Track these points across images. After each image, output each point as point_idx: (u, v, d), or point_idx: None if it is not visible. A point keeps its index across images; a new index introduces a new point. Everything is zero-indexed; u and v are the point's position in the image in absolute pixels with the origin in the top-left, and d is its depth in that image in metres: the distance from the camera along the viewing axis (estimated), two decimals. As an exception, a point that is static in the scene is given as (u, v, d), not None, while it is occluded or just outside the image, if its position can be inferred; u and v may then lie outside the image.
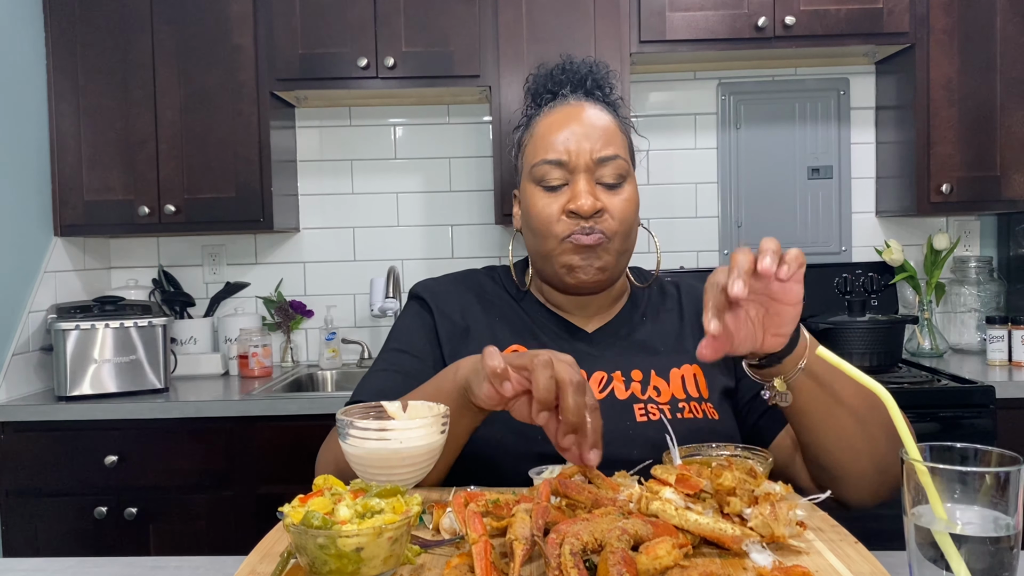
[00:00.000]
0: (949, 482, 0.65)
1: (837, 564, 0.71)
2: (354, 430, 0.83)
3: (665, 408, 1.08)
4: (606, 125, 1.11)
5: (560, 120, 1.12)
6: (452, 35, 2.47)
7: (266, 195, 2.51)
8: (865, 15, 2.42)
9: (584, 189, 1.08)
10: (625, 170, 1.11)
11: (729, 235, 2.84)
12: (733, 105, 2.83)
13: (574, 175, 1.10)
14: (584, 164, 1.09)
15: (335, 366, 2.75)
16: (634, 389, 1.10)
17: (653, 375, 1.11)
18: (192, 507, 2.23)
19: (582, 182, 1.09)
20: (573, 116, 1.11)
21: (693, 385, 1.11)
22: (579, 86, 1.16)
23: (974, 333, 2.74)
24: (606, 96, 1.17)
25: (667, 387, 1.10)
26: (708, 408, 1.10)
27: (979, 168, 2.47)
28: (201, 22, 2.47)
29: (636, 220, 1.13)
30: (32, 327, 2.38)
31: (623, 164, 1.10)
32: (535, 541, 0.67)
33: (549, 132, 1.12)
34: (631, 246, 1.14)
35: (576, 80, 1.17)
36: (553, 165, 1.10)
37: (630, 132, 1.18)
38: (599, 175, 1.10)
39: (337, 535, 0.65)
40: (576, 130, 1.10)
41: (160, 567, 0.90)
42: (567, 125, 1.11)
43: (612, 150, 1.10)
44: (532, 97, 1.20)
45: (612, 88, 1.19)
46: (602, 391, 1.09)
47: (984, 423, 2.10)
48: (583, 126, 1.10)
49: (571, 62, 1.18)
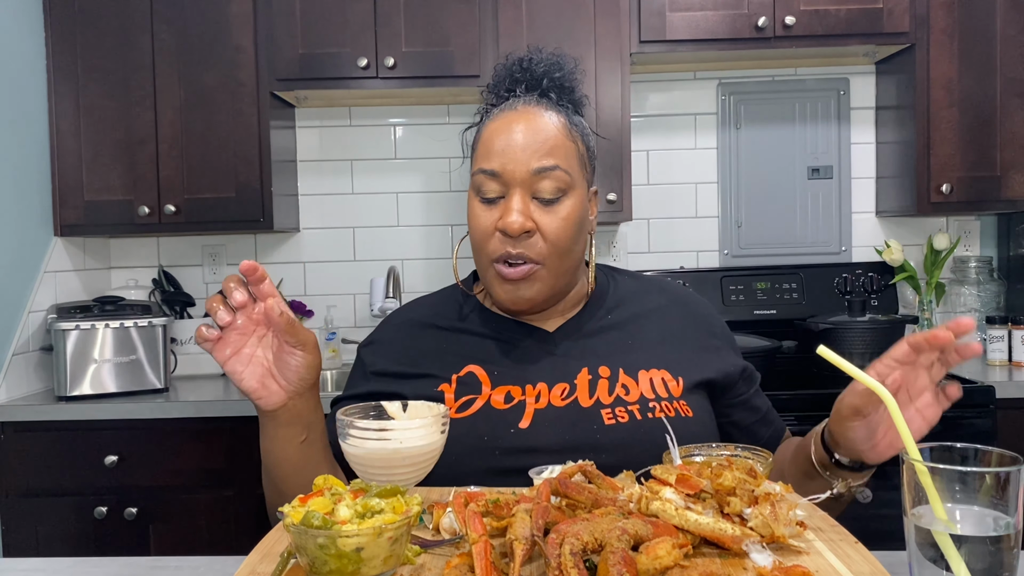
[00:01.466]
0: (949, 482, 0.65)
1: (837, 564, 0.71)
2: (354, 430, 0.83)
3: (635, 408, 1.05)
4: (552, 133, 1.05)
5: (503, 126, 1.06)
6: (452, 35, 2.47)
7: (266, 195, 2.51)
8: (865, 15, 2.42)
9: (515, 207, 1.03)
10: (566, 183, 1.05)
11: (729, 235, 2.84)
12: (733, 105, 2.83)
13: (509, 188, 1.04)
14: (520, 177, 1.04)
15: (335, 366, 2.75)
16: (600, 391, 1.06)
17: (621, 373, 1.08)
18: (192, 507, 2.23)
19: (516, 198, 1.04)
20: (517, 121, 1.05)
21: (662, 386, 1.08)
22: (534, 87, 1.11)
23: (974, 333, 2.74)
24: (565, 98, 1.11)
25: (636, 386, 1.07)
26: (681, 406, 1.06)
27: (979, 168, 2.47)
28: (201, 22, 2.47)
29: (575, 237, 1.07)
30: (32, 327, 2.38)
31: (563, 176, 1.04)
32: (535, 541, 0.67)
33: (491, 138, 1.06)
34: (574, 262, 1.10)
35: (532, 80, 1.11)
36: (488, 176, 1.05)
37: (586, 138, 1.11)
38: (536, 189, 1.04)
39: (337, 535, 0.65)
40: (516, 139, 1.04)
41: (160, 567, 0.90)
42: (509, 132, 1.05)
43: (552, 160, 1.04)
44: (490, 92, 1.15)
45: (573, 88, 1.13)
46: (565, 399, 1.06)
47: (984, 423, 2.10)
48: (525, 134, 1.04)
49: (531, 59, 1.11)
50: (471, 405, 1.06)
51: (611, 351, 1.11)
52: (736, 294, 2.70)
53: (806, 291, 2.71)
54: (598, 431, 1.03)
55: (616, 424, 1.03)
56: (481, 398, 1.06)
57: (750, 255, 2.83)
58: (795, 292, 2.70)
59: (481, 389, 1.07)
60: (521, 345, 1.12)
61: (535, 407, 1.05)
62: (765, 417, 1.19)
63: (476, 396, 1.06)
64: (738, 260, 2.83)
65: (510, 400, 1.06)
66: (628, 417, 1.04)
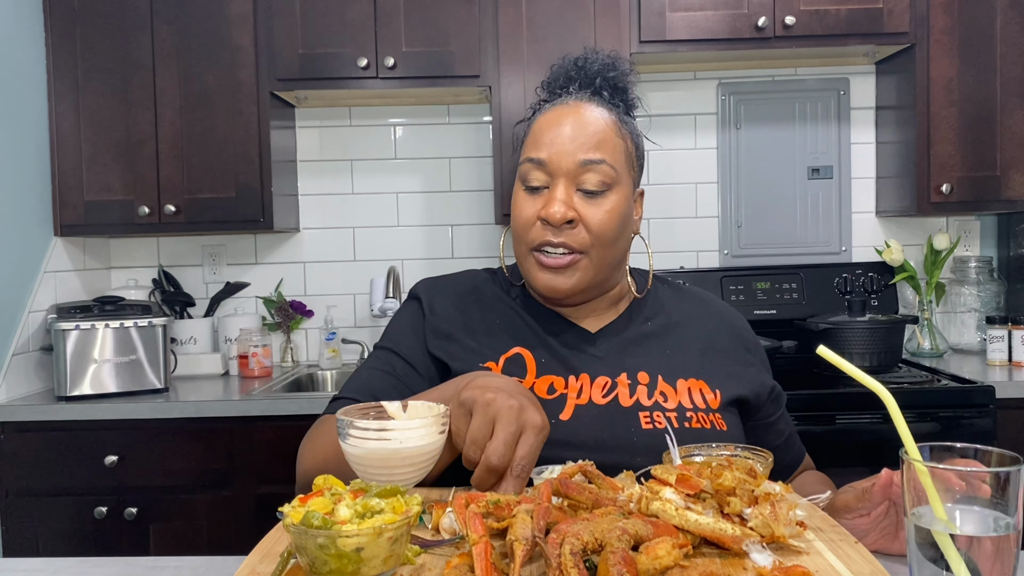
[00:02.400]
0: (949, 482, 0.65)
1: (837, 564, 0.71)
2: (354, 430, 0.83)
3: (672, 416, 1.05)
4: (601, 128, 1.06)
5: (554, 118, 1.08)
6: (452, 35, 2.47)
7: (266, 195, 2.51)
8: (865, 15, 2.42)
9: (559, 196, 1.04)
10: (612, 178, 1.06)
11: (729, 235, 2.84)
12: (733, 105, 2.83)
13: (554, 178, 1.05)
14: (566, 168, 1.05)
15: (335, 366, 2.75)
16: (640, 394, 1.07)
17: (660, 380, 1.09)
18: (192, 507, 2.23)
19: (560, 188, 1.05)
20: (568, 115, 1.07)
21: (700, 397, 1.08)
22: (587, 84, 1.12)
23: (974, 333, 2.74)
24: (618, 97, 1.13)
25: (674, 394, 1.08)
26: (716, 419, 1.07)
27: (979, 168, 2.47)
28: (201, 22, 2.47)
29: (620, 231, 1.08)
30: (32, 327, 2.38)
31: (609, 171, 1.05)
32: (536, 542, 0.67)
33: (541, 129, 1.08)
34: (617, 257, 1.10)
35: (586, 78, 1.12)
36: (535, 165, 1.07)
37: (636, 138, 1.12)
38: (581, 181, 1.05)
39: (337, 535, 0.65)
40: (565, 131, 1.06)
41: (160, 567, 0.90)
42: (559, 124, 1.07)
43: (599, 154, 1.05)
44: (544, 89, 1.16)
45: (627, 89, 1.14)
46: (605, 396, 1.07)
47: (984, 423, 2.10)
48: (574, 127, 1.06)
49: (586, 58, 1.13)
50: None
51: (650, 357, 1.11)
52: (736, 294, 2.70)
53: (806, 291, 2.71)
54: (635, 433, 1.04)
55: (653, 429, 1.04)
56: (525, 384, 1.06)
57: (750, 255, 2.84)
58: (795, 292, 2.70)
59: (526, 375, 1.07)
60: (564, 339, 1.12)
61: (576, 402, 1.06)
62: (788, 440, 1.20)
63: (521, 381, 1.06)
64: (738, 260, 2.83)
65: (552, 391, 1.06)
66: (665, 423, 1.04)
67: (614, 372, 1.09)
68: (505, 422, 0.84)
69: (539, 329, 1.13)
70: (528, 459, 0.84)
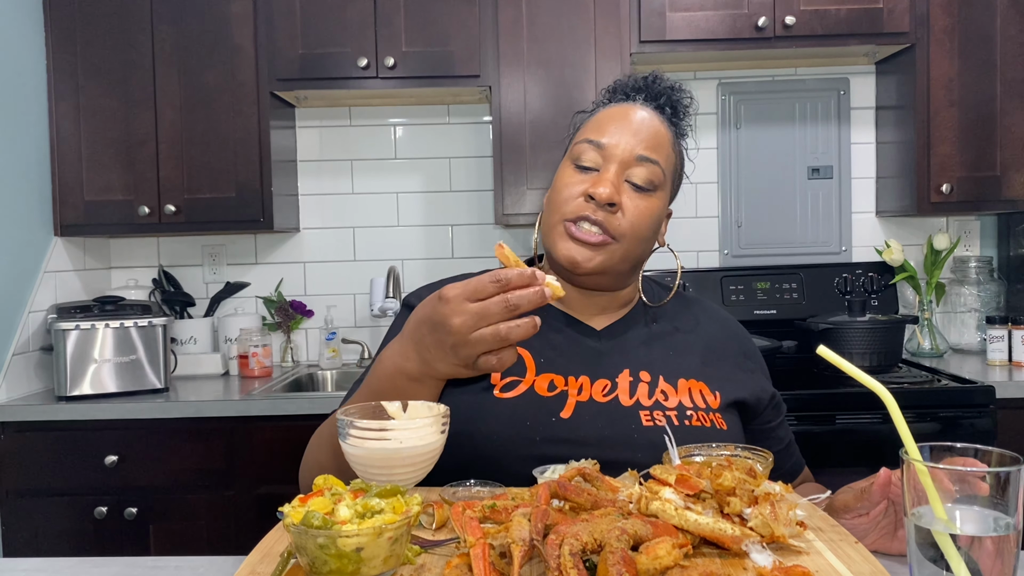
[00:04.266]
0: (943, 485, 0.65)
1: (837, 564, 0.71)
2: (354, 430, 0.83)
3: (672, 414, 1.06)
4: (662, 134, 1.11)
5: (621, 112, 1.12)
6: (452, 35, 2.47)
7: (266, 195, 2.51)
8: (865, 15, 2.42)
9: (609, 178, 1.06)
10: (660, 181, 1.09)
11: (729, 235, 2.84)
12: (733, 105, 2.83)
13: (607, 163, 1.08)
14: (621, 155, 1.08)
15: (335, 366, 2.75)
16: (640, 393, 1.08)
17: (661, 379, 1.10)
18: (192, 507, 2.23)
19: (612, 171, 1.07)
20: (634, 112, 1.11)
21: (700, 397, 1.10)
22: (654, 98, 1.16)
23: (974, 333, 2.74)
24: (677, 119, 1.17)
25: (675, 393, 1.09)
26: (716, 418, 1.08)
27: (979, 168, 2.47)
28: (201, 22, 2.47)
29: (652, 233, 1.11)
30: (32, 327, 2.38)
31: (659, 173, 1.09)
32: (534, 543, 0.67)
33: (606, 117, 1.12)
34: (640, 256, 1.12)
35: (652, 92, 1.17)
36: (592, 145, 1.09)
37: (682, 160, 1.17)
38: (631, 173, 1.08)
39: (337, 535, 0.65)
40: (628, 124, 1.09)
41: (160, 567, 0.90)
42: (626, 116, 1.10)
43: (655, 155, 1.08)
44: (609, 92, 1.20)
45: (686, 115, 1.18)
46: (607, 395, 1.07)
47: (984, 423, 2.10)
48: (638, 124, 1.09)
49: (656, 77, 1.18)
50: (515, 387, 1.07)
51: (652, 357, 1.12)
52: (736, 294, 2.70)
53: (806, 291, 2.70)
54: (636, 431, 1.04)
55: (654, 427, 1.04)
56: (525, 383, 1.07)
57: (750, 255, 2.84)
58: (795, 292, 2.70)
59: (526, 373, 1.08)
60: (568, 337, 1.13)
61: (577, 399, 1.06)
62: (787, 449, 1.21)
63: (520, 379, 1.07)
64: (738, 260, 2.83)
65: (553, 389, 1.07)
66: (666, 421, 1.05)
67: (616, 370, 1.10)
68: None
69: (542, 328, 1.12)
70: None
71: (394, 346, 0.96)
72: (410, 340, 0.93)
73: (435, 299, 0.89)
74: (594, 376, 1.09)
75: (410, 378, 0.94)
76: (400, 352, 0.95)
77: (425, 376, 0.94)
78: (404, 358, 0.94)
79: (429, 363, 0.92)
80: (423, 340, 0.91)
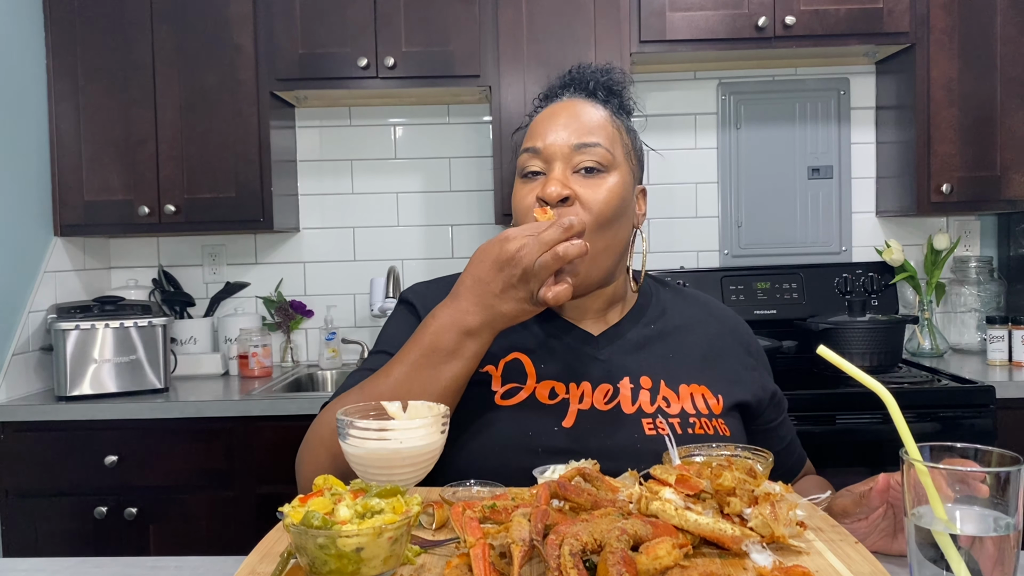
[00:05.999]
0: (949, 482, 0.65)
1: (837, 564, 0.71)
2: (354, 430, 0.83)
3: (675, 422, 1.05)
4: (595, 118, 1.09)
5: (549, 114, 1.11)
6: (452, 35, 2.47)
7: (266, 195, 2.51)
8: (865, 15, 2.42)
9: (555, 176, 1.05)
10: (608, 160, 1.07)
11: (729, 235, 2.84)
12: (733, 105, 2.83)
13: (550, 164, 1.07)
14: (560, 151, 1.06)
15: (335, 366, 2.75)
16: (643, 400, 1.06)
17: (663, 385, 1.08)
18: (192, 507, 2.23)
19: (556, 169, 1.06)
20: (563, 110, 1.10)
21: (703, 402, 1.08)
22: (582, 88, 1.15)
23: (974, 333, 2.74)
24: (612, 100, 1.15)
25: (677, 399, 1.07)
26: (719, 424, 1.07)
27: (979, 168, 2.47)
28: (201, 22, 2.48)
29: (618, 213, 1.07)
30: (32, 327, 2.38)
31: (604, 153, 1.06)
32: (534, 544, 0.67)
33: (536, 124, 1.11)
34: (614, 245, 1.08)
35: (580, 82, 1.16)
36: (531, 153, 1.09)
37: (632, 133, 1.14)
38: (576, 163, 1.06)
39: (337, 535, 0.65)
40: (559, 121, 1.09)
41: (160, 567, 0.90)
42: (553, 117, 1.10)
43: (592, 138, 1.07)
44: (539, 99, 1.19)
45: (620, 93, 1.16)
46: (608, 403, 1.06)
47: (984, 423, 2.10)
48: (568, 118, 1.09)
49: (581, 66, 1.17)
50: (516, 394, 1.06)
51: (653, 362, 1.11)
52: (736, 294, 2.70)
53: (806, 291, 2.70)
54: (639, 440, 1.03)
55: (657, 435, 1.03)
56: (526, 390, 1.06)
57: (750, 255, 2.84)
58: (795, 292, 2.70)
59: (526, 380, 1.07)
60: (566, 343, 1.11)
61: (578, 407, 1.05)
62: (789, 446, 1.20)
63: (521, 386, 1.06)
64: (738, 260, 2.83)
65: (554, 396, 1.06)
66: (669, 430, 1.04)
67: (616, 376, 1.09)
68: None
69: (539, 332, 1.12)
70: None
71: (444, 309, 0.98)
72: (469, 293, 0.97)
73: (498, 241, 0.95)
74: (595, 383, 1.08)
75: (468, 333, 0.97)
76: (456, 309, 0.97)
77: (485, 327, 0.97)
78: (464, 312, 0.96)
79: (493, 308, 0.95)
80: (488, 285, 0.95)
